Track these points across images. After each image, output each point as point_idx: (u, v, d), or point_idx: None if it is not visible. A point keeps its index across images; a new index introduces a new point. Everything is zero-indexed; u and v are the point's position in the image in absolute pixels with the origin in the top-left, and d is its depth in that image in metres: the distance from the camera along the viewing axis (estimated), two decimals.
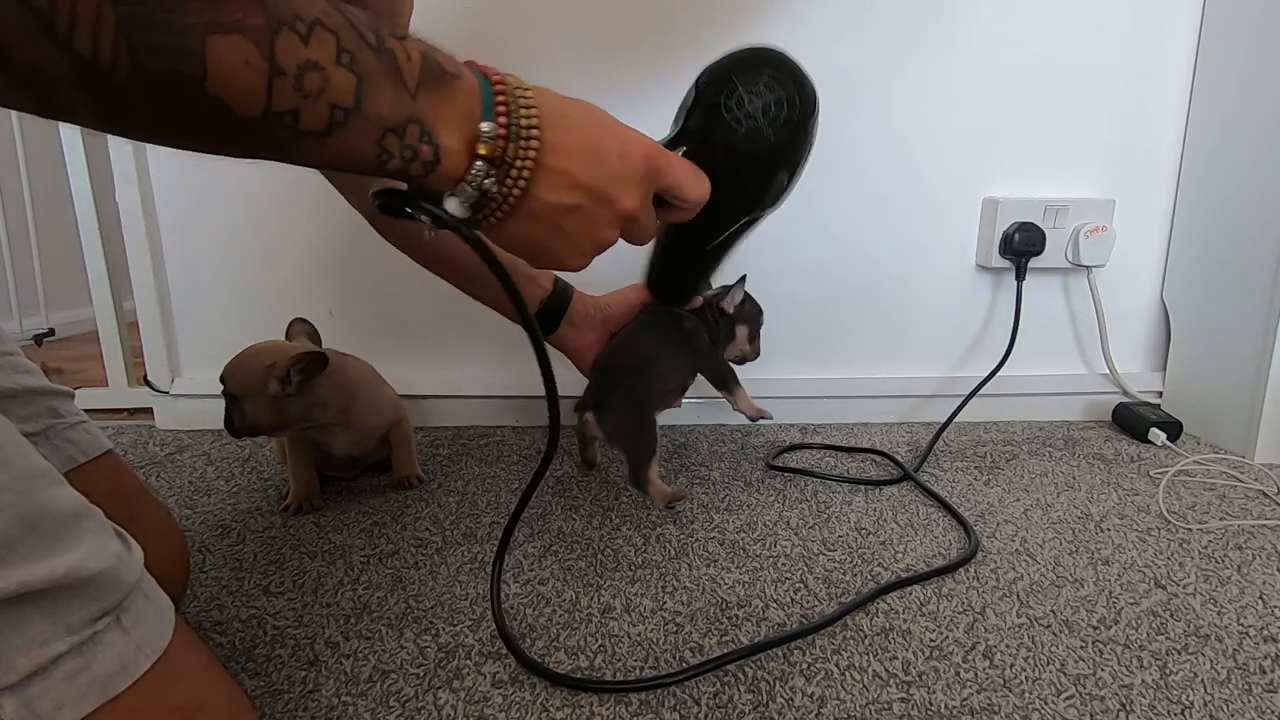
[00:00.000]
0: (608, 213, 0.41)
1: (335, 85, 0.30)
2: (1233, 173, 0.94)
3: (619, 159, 0.40)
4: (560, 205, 0.38)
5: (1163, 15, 0.98)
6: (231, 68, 0.27)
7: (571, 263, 0.42)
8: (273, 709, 0.48)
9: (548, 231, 0.39)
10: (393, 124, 0.33)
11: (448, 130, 0.35)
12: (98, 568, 0.33)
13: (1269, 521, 0.74)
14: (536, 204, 0.38)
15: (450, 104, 0.35)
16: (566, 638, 0.56)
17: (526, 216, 0.38)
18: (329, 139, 0.31)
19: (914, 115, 0.99)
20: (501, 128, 0.36)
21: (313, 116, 0.30)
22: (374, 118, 0.32)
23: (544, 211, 0.38)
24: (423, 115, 0.34)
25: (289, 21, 0.28)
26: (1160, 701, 0.49)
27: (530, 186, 0.37)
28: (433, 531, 0.72)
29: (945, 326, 1.07)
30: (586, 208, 0.39)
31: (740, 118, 0.45)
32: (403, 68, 0.33)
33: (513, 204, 0.37)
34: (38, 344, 1.80)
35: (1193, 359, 1.02)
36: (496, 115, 0.36)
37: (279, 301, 1.01)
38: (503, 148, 0.36)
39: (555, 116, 0.38)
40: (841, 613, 0.58)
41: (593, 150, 0.39)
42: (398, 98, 0.33)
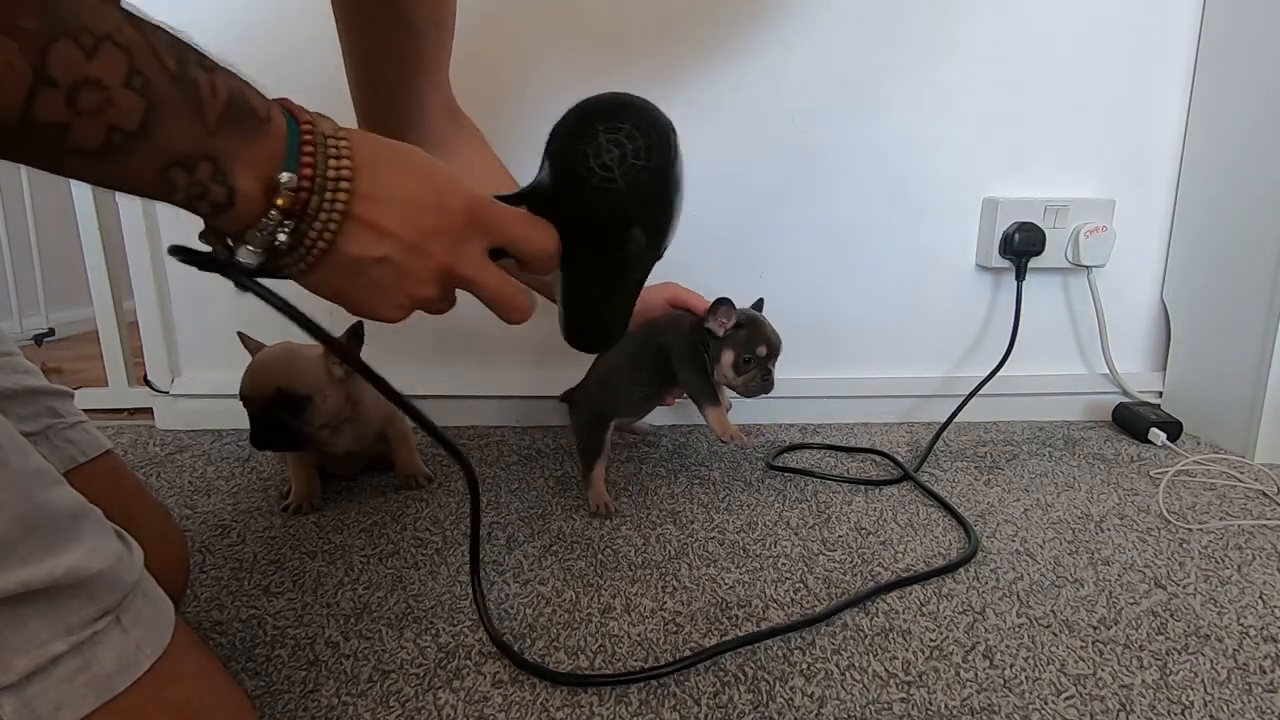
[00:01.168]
0: (423, 266, 0.38)
1: (118, 107, 0.28)
2: (1233, 173, 0.94)
3: (436, 212, 0.38)
4: (367, 258, 0.36)
5: (1163, 15, 0.98)
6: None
7: (385, 315, 0.40)
8: (273, 709, 0.48)
9: (358, 282, 0.37)
10: (181, 157, 0.30)
11: (246, 173, 0.32)
12: (97, 568, 0.33)
13: (1269, 521, 0.74)
14: (343, 256, 0.36)
15: (252, 146, 0.32)
16: (566, 638, 0.56)
17: (333, 267, 0.36)
18: (103, 160, 0.29)
19: (914, 116, 0.99)
20: (305, 179, 0.34)
21: (85, 135, 0.28)
22: (160, 147, 0.30)
23: (350, 263, 0.36)
24: (219, 154, 0.31)
25: (72, 32, 0.26)
26: (1160, 701, 0.49)
27: (335, 239, 0.35)
28: (433, 531, 0.72)
29: (945, 326, 1.07)
30: (397, 260, 0.37)
31: (594, 169, 0.41)
32: (204, 101, 0.31)
33: (316, 257, 0.35)
34: (38, 344, 1.80)
35: (1193, 359, 1.02)
36: (301, 166, 0.34)
37: None
38: (305, 200, 0.34)
39: (369, 163, 0.36)
40: (836, 609, 0.58)
41: (408, 202, 0.37)
42: (192, 131, 0.30)
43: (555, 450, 0.95)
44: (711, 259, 0.99)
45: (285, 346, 0.74)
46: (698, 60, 0.96)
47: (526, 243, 0.42)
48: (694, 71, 0.96)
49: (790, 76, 0.97)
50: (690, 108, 0.97)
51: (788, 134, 0.99)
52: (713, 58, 0.96)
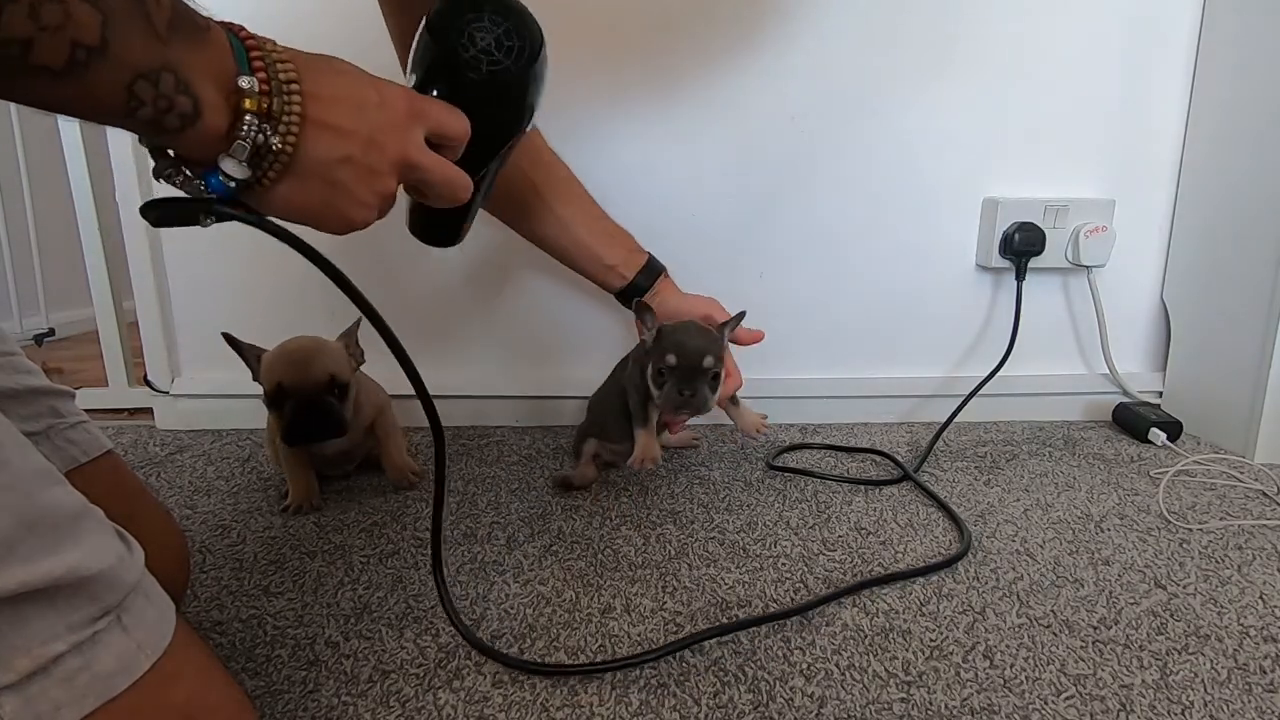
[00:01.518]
0: (381, 160, 0.40)
1: (77, 21, 0.28)
2: (1233, 173, 0.94)
3: (379, 107, 0.39)
4: (331, 159, 0.37)
5: (1162, 15, 0.98)
6: None
7: (356, 216, 0.41)
8: (273, 709, 0.48)
9: (323, 188, 0.38)
10: (145, 70, 0.30)
11: (205, 82, 0.33)
12: (98, 567, 0.33)
13: (1269, 521, 0.74)
14: (308, 160, 0.36)
15: (204, 55, 0.33)
16: (566, 638, 0.56)
17: (299, 175, 0.37)
18: (68, 79, 0.29)
19: (914, 116, 0.99)
20: (264, 82, 0.34)
21: (49, 51, 0.28)
22: (123, 61, 0.30)
23: (316, 168, 0.37)
24: (177, 64, 0.31)
25: None
26: (1160, 701, 0.49)
27: (300, 143, 0.36)
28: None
29: (945, 326, 1.07)
30: (358, 158, 0.38)
31: (479, 58, 0.46)
32: (152, 12, 0.30)
33: (285, 161, 0.36)
34: (38, 344, 1.80)
35: (1193, 359, 1.02)
36: (254, 70, 0.34)
37: (279, 301, 1.01)
38: (267, 103, 0.34)
39: (311, 70, 0.36)
40: (819, 601, 0.59)
41: (354, 100, 0.38)
42: (148, 43, 0.30)
43: (555, 450, 0.95)
44: (711, 259, 0.99)
45: (312, 338, 0.75)
46: (698, 61, 0.96)
47: (451, 126, 0.44)
48: (694, 72, 0.96)
49: (790, 77, 0.97)
50: (691, 108, 0.97)
51: (788, 134, 0.99)
52: (713, 58, 0.96)
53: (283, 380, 0.70)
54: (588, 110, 0.96)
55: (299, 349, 0.73)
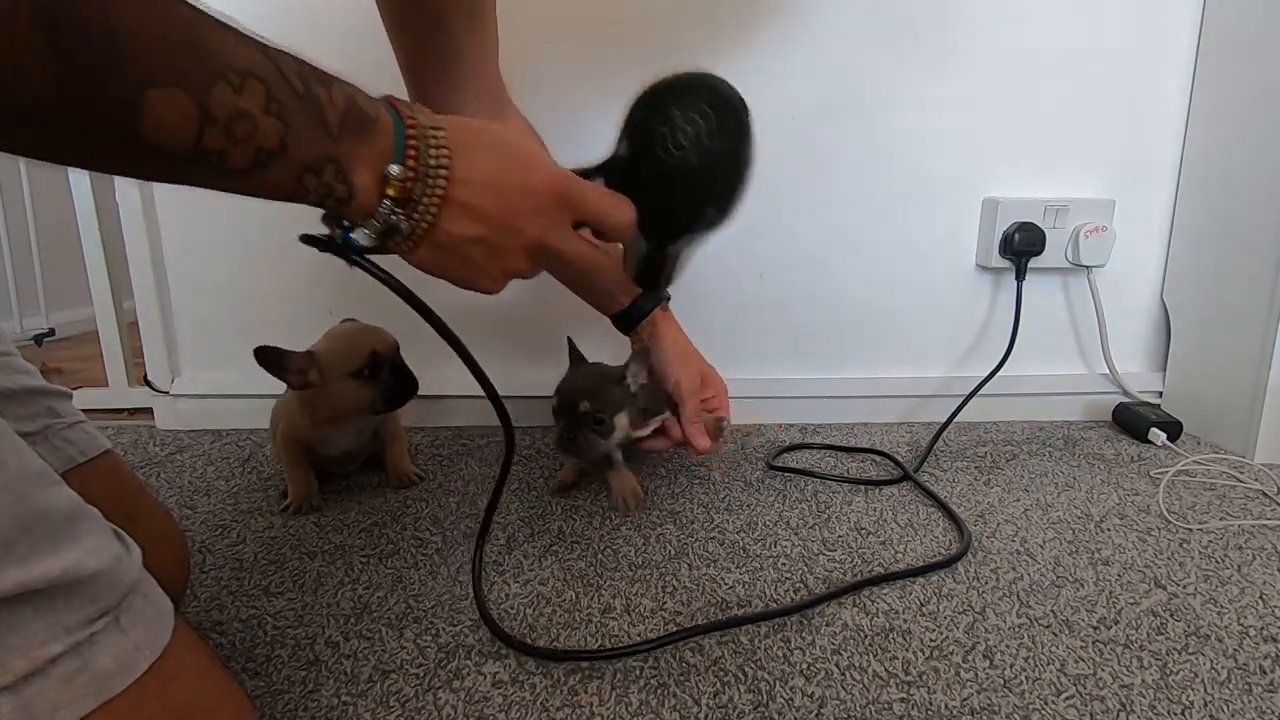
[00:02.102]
0: (514, 243, 0.43)
1: (263, 131, 0.32)
2: (1233, 172, 0.94)
3: (523, 192, 0.42)
4: (465, 236, 0.41)
5: (1163, 15, 0.97)
6: (167, 118, 0.29)
7: (483, 286, 0.45)
8: (273, 709, 0.48)
9: (456, 260, 0.42)
10: (312, 164, 0.35)
11: (363, 170, 0.37)
12: (95, 568, 0.33)
13: (1269, 521, 0.74)
14: (443, 235, 0.40)
15: (366, 146, 0.37)
16: (566, 638, 0.56)
17: (434, 246, 0.41)
18: (252, 177, 0.33)
19: (914, 116, 0.99)
20: (410, 170, 0.38)
21: (239, 158, 0.32)
22: (295, 160, 0.34)
23: (450, 242, 0.41)
24: (341, 156, 0.36)
25: (222, 73, 0.30)
26: (1160, 701, 0.49)
27: (437, 220, 0.39)
28: (433, 531, 0.72)
29: (945, 326, 1.07)
30: (491, 239, 0.41)
31: (669, 147, 0.44)
32: (326, 113, 0.35)
33: (419, 236, 0.40)
34: (38, 344, 1.80)
35: (1193, 359, 1.02)
36: (406, 158, 0.38)
37: (279, 301, 1.01)
38: (410, 189, 0.38)
39: (464, 150, 0.40)
40: (819, 599, 0.59)
41: (498, 185, 0.41)
42: (319, 141, 0.35)
43: (555, 450, 0.94)
44: (711, 259, 0.99)
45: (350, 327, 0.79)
46: (697, 59, 0.96)
47: (607, 216, 0.46)
48: None
49: (790, 76, 0.97)
50: None
51: (788, 134, 0.99)
52: (713, 58, 0.96)
53: (376, 347, 0.74)
54: (586, 110, 0.96)
55: (361, 326, 0.79)
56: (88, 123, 0.28)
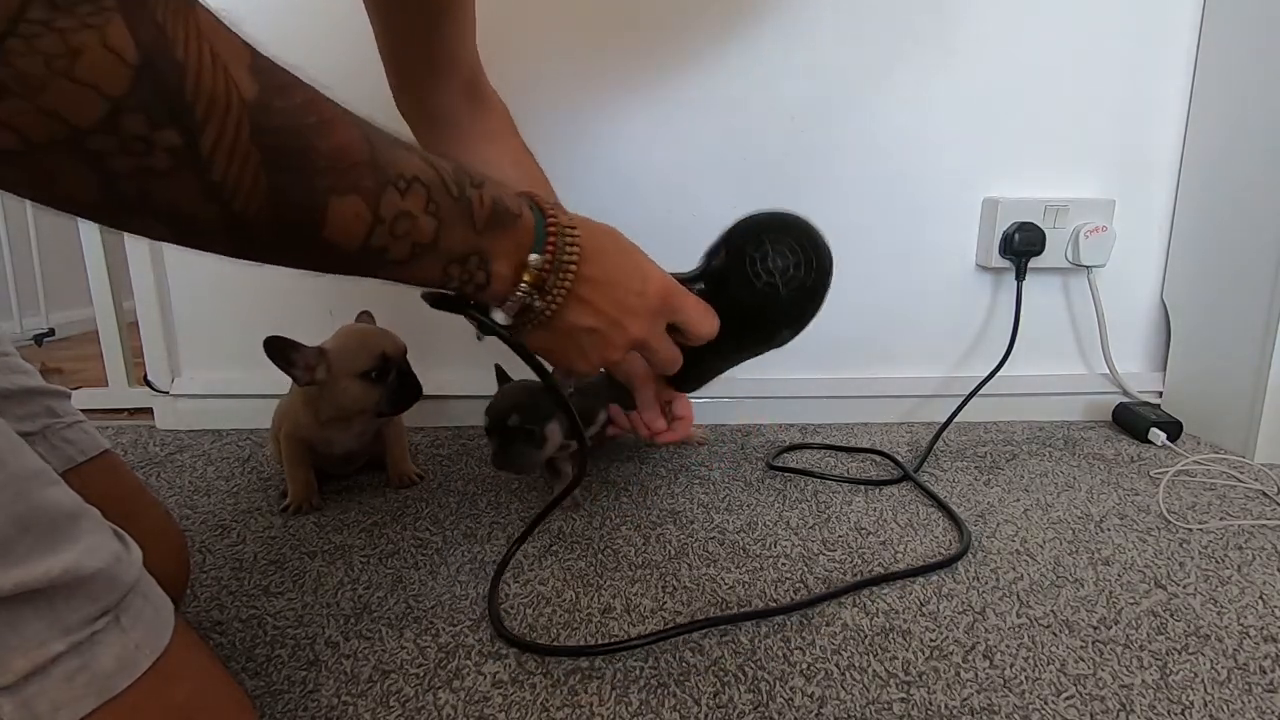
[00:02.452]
0: (620, 337, 0.47)
1: (420, 228, 0.36)
2: (1233, 173, 0.94)
3: (638, 295, 0.47)
4: (581, 326, 0.45)
5: (1163, 15, 0.98)
6: (345, 220, 0.32)
7: (579, 369, 0.48)
8: (273, 709, 0.48)
9: (566, 344, 0.46)
10: (458, 256, 0.39)
11: (502, 260, 0.41)
12: (95, 567, 0.33)
13: (1269, 521, 0.74)
14: (563, 323, 0.45)
15: (508, 239, 0.41)
16: (566, 638, 0.56)
17: (553, 330, 0.45)
18: (406, 267, 0.37)
19: (914, 115, 0.99)
20: (548, 261, 0.42)
21: (398, 251, 0.35)
22: (445, 252, 0.38)
23: (567, 329, 0.45)
24: (484, 249, 0.40)
25: (393, 180, 0.34)
26: (1160, 701, 0.49)
27: (561, 310, 0.44)
28: (433, 531, 0.72)
29: (945, 326, 1.07)
30: (602, 331, 0.46)
31: (760, 273, 0.50)
32: (475, 212, 0.38)
33: (544, 320, 0.44)
34: (38, 344, 1.80)
35: (1193, 359, 1.02)
36: (546, 249, 0.42)
37: (279, 301, 1.01)
38: (544, 278, 0.42)
39: (593, 251, 0.44)
40: (820, 598, 0.59)
41: (619, 285, 0.46)
42: (466, 236, 0.38)
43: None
44: None
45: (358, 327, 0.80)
46: (697, 59, 0.96)
47: (697, 325, 0.51)
48: (693, 70, 0.96)
49: (790, 77, 0.97)
50: (689, 106, 0.97)
51: (787, 133, 0.99)
52: (712, 57, 0.96)
53: (386, 350, 0.74)
54: (585, 110, 0.96)
55: (373, 327, 0.80)
56: (279, 228, 0.31)
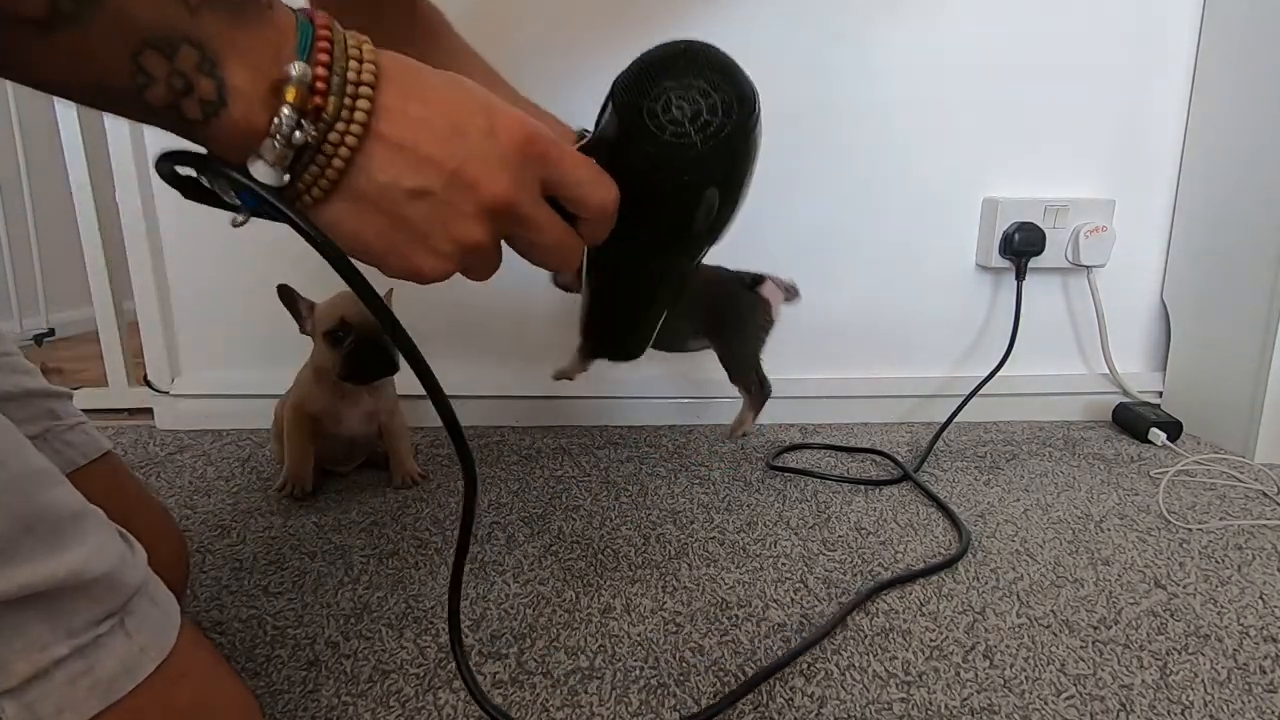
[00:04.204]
0: (469, 201, 0.32)
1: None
2: (1232, 173, 0.94)
3: (484, 135, 0.32)
4: (399, 186, 0.30)
5: (1163, 15, 0.98)
6: None
7: (423, 267, 0.33)
8: (273, 709, 0.48)
9: (384, 222, 0.31)
10: (156, 38, 0.26)
11: (239, 66, 0.27)
12: (100, 570, 0.33)
13: (1269, 521, 0.74)
14: (367, 182, 0.30)
15: (249, 34, 0.27)
16: (566, 638, 0.56)
17: (354, 197, 0.30)
18: (53, 34, 0.24)
19: (914, 115, 0.99)
20: (320, 78, 0.28)
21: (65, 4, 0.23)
22: (125, 18, 0.25)
23: (377, 193, 0.30)
24: (205, 38, 0.26)
25: None
26: (1160, 701, 0.49)
27: (357, 156, 0.30)
28: (433, 531, 0.72)
29: (945, 326, 1.07)
30: (438, 193, 0.31)
31: (664, 124, 0.37)
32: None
33: (333, 176, 0.30)
34: (38, 344, 1.80)
35: (1193, 359, 1.02)
36: (318, 59, 0.28)
37: (279, 301, 1.01)
38: (319, 103, 0.28)
39: (400, 77, 0.30)
40: (846, 612, 0.58)
41: (449, 123, 0.31)
42: (169, 6, 0.26)
43: (555, 450, 0.95)
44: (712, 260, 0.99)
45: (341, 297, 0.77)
46: None
47: (587, 187, 0.35)
48: None
49: (789, 76, 0.97)
50: None
51: (787, 133, 0.99)
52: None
53: (345, 314, 0.73)
54: (585, 110, 0.96)
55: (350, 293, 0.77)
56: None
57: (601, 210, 0.36)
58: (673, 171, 0.38)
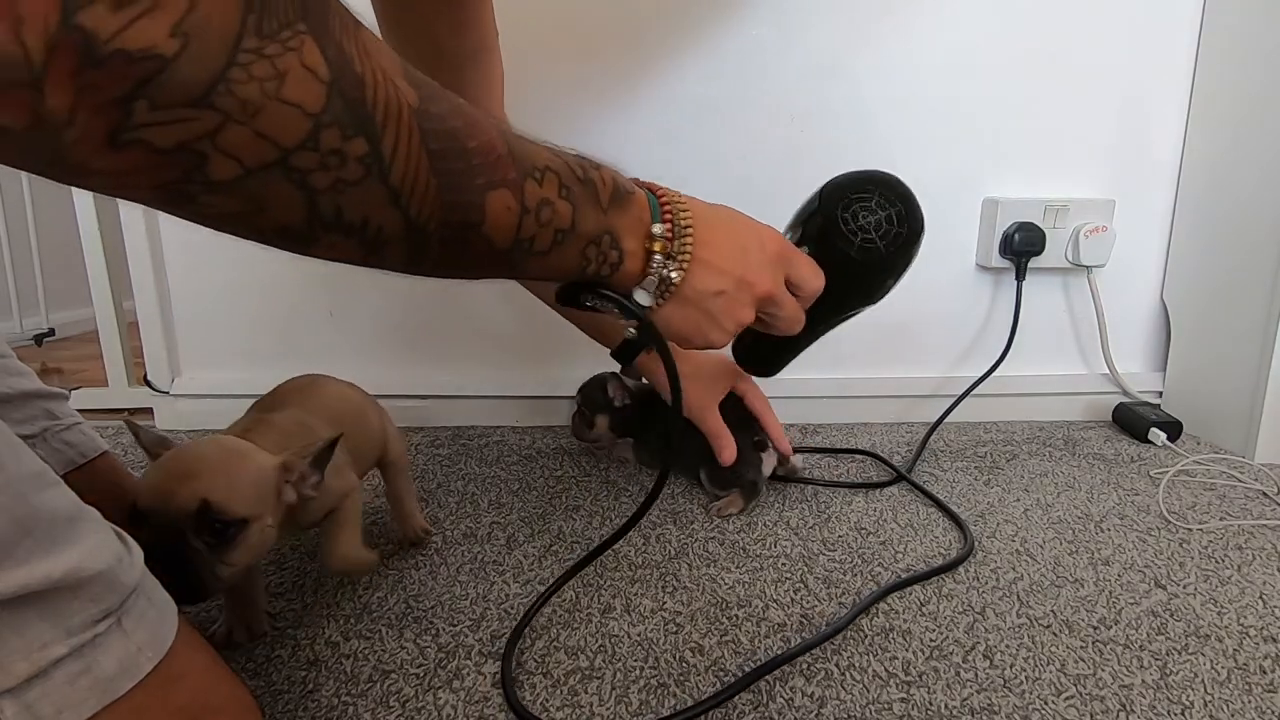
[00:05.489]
0: (747, 295, 0.47)
1: (559, 214, 0.38)
2: (1233, 172, 0.94)
3: (759, 250, 0.47)
4: (709, 290, 0.45)
5: (1163, 15, 0.98)
6: (499, 213, 0.35)
7: (716, 340, 0.48)
8: (273, 709, 0.48)
9: (698, 314, 0.46)
10: (593, 237, 0.40)
11: (629, 236, 0.42)
12: (96, 569, 0.33)
13: (1269, 521, 0.74)
14: (690, 290, 0.45)
15: (629, 216, 0.42)
16: (566, 638, 0.56)
17: (682, 302, 0.45)
18: (549, 255, 0.38)
19: (914, 115, 0.99)
20: (669, 229, 0.43)
21: (543, 240, 0.37)
22: (581, 235, 0.39)
23: (695, 296, 0.45)
24: (614, 227, 0.41)
25: (530, 171, 0.36)
26: (1160, 701, 0.49)
27: (688, 276, 0.44)
28: (433, 532, 0.72)
29: (945, 326, 1.07)
30: (730, 291, 0.46)
31: (856, 230, 0.51)
32: (599, 192, 0.40)
33: (674, 291, 0.44)
34: (38, 344, 1.80)
35: (1193, 359, 1.02)
36: (664, 219, 0.43)
37: (279, 301, 1.01)
38: (669, 245, 0.43)
39: (703, 217, 0.45)
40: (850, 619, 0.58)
41: (736, 244, 0.46)
42: (597, 216, 0.40)
43: (555, 450, 0.95)
44: None
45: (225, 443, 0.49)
46: (696, 59, 0.96)
47: (810, 280, 0.51)
48: (692, 70, 0.96)
49: (789, 76, 0.97)
50: (689, 107, 0.97)
51: (787, 134, 0.99)
52: (712, 57, 0.96)
53: (139, 500, 0.45)
54: (584, 109, 0.96)
55: (183, 457, 0.47)
56: (448, 230, 0.33)
57: (815, 294, 0.52)
58: (866, 266, 0.53)
